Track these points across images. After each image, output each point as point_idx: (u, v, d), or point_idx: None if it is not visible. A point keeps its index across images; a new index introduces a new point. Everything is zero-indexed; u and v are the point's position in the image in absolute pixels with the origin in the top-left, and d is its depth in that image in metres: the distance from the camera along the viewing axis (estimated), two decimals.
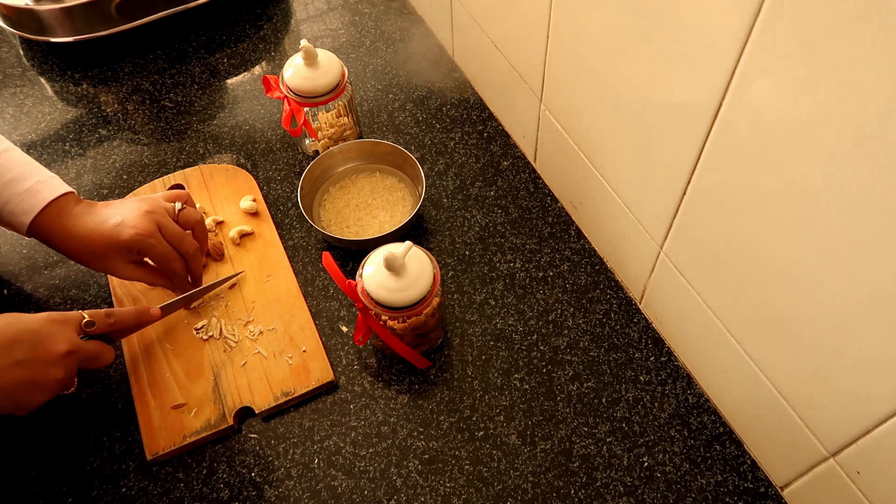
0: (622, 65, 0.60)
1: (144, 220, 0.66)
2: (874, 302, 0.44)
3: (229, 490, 0.65)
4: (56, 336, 0.57)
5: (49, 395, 0.57)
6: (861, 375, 0.48)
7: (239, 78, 0.99)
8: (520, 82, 0.81)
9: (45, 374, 0.56)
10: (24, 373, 0.55)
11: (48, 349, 0.56)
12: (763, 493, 0.64)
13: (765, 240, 0.52)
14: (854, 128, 0.40)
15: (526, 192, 0.85)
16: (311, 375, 0.70)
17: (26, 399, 0.56)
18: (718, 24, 0.47)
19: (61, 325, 0.58)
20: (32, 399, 0.56)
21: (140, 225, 0.65)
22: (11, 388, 0.54)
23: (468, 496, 0.64)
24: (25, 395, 0.55)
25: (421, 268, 0.63)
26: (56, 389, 0.57)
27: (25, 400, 0.56)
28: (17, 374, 0.54)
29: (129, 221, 0.65)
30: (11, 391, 0.54)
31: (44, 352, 0.56)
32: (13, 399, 0.55)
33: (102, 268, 0.67)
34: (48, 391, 0.57)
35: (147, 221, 0.66)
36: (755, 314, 0.57)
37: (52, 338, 0.57)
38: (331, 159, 0.84)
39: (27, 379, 0.55)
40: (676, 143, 0.57)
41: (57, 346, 0.56)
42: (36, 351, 0.55)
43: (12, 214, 0.64)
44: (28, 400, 0.56)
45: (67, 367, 0.57)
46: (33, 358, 0.55)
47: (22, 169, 0.65)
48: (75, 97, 0.97)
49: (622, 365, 0.72)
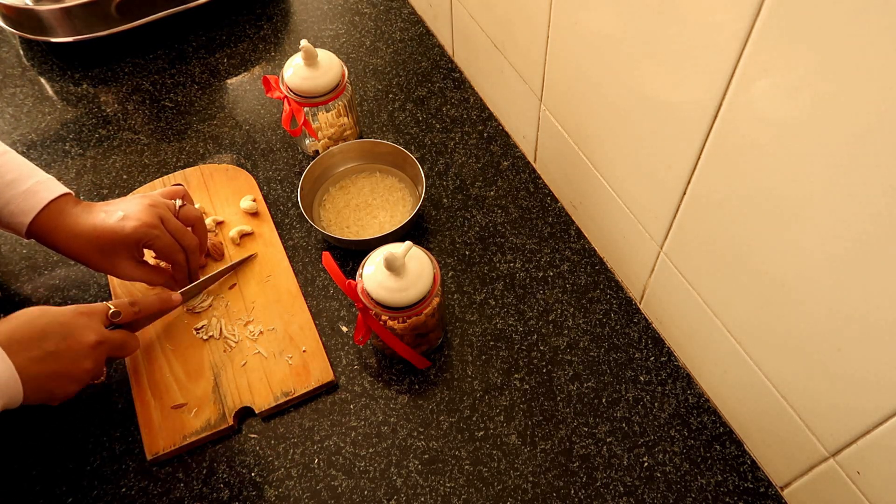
0: (622, 65, 0.60)
1: (148, 213, 0.67)
2: (874, 302, 0.44)
3: (229, 490, 0.65)
4: (85, 328, 0.59)
5: (80, 385, 0.59)
6: (861, 375, 0.48)
7: (239, 78, 0.99)
8: (520, 82, 0.81)
9: (75, 364, 0.58)
10: (56, 364, 0.57)
11: (78, 340, 0.58)
12: (763, 493, 0.64)
13: (765, 240, 0.52)
14: (854, 128, 0.40)
15: (526, 192, 0.85)
16: (311, 375, 0.70)
17: (59, 389, 0.58)
18: (718, 24, 0.47)
19: (89, 317, 0.60)
20: (65, 389, 0.58)
21: (144, 217, 0.66)
22: (43, 378, 0.56)
23: (468, 496, 0.64)
24: (58, 386, 0.57)
25: (421, 268, 0.63)
26: (86, 380, 0.60)
27: (58, 390, 0.58)
28: (50, 365, 0.56)
29: (132, 215, 0.66)
30: (44, 382, 0.56)
31: (74, 343, 0.58)
32: (46, 389, 0.57)
33: (106, 265, 0.67)
34: (79, 381, 0.59)
35: (150, 214, 0.67)
36: (755, 314, 0.57)
37: (81, 329, 0.59)
38: (331, 159, 0.84)
39: (59, 370, 0.57)
40: (676, 143, 0.57)
41: (86, 337, 0.59)
42: (66, 342, 0.57)
43: (12, 215, 0.65)
44: (60, 390, 0.58)
45: (97, 358, 0.60)
46: (64, 349, 0.57)
47: (20, 171, 0.66)
48: (75, 97, 0.97)
49: (622, 365, 0.72)
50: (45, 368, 0.56)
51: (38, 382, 0.56)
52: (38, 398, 0.57)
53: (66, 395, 0.59)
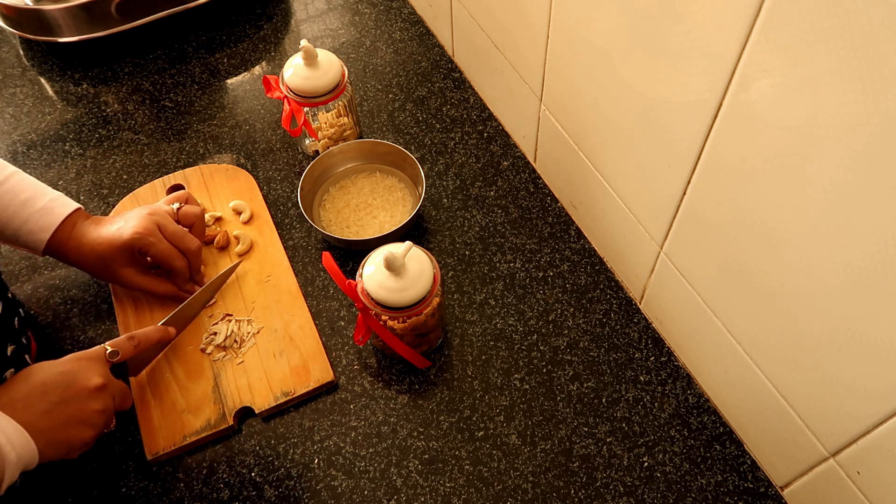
0: (622, 65, 0.60)
1: (143, 221, 0.69)
2: (875, 302, 0.44)
3: (229, 490, 0.65)
4: (86, 371, 0.58)
5: (96, 429, 0.58)
6: (861, 375, 0.48)
7: (239, 78, 0.99)
8: (520, 82, 0.81)
9: (84, 409, 0.57)
10: (65, 413, 0.56)
11: (83, 385, 0.57)
12: (763, 493, 0.64)
13: (765, 240, 0.52)
14: (855, 127, 0.40)
15: (526, 192, 0.85)
16: (311, 375, 0.70)
17: (75, 437, 0.56)
18: (719, 23, 0.47)
19: (88, 361, 0.59)
20: (81, 437, 0.57)
21: (140, 225, 0.68)
22: (55, 430, 0.55)
23: (468, 496, 0.64)
24: (72, 434, 0.56)
25: (421, 268, 0.63)
26: (100, 423, 0.58)
27: (74, 438, 0.56)
28: (58, 415, 0.55)
29: (129, 224, 0.69)
30: (56, 433, 0.55)
31: (78, 388, 0.57)
32: (60, 441, 0.55)
33: (109, 274, 0.70)
34: (93, 425, 0.58)
35: (146, 221, 0.69)
36: (755, 314, 0.57)
37: (82, 373, 0.58)
38: (331, 159, 0.84)
39: (69, 418, 0.56)
40: (676, 143, 0.57)
41: (90, 380, 0.58)
42: (70, 390, 0.57)
43: (31, 233, 0.66)
44: (76, 438, 0.57)
45: (104, 400, 0.59)
46: (69, 396, 0.56)
47: (33, 189, 0.68)
48: (75, 97, 0.97)
49: (622, 365, 0.72)
50: (55, 420, 0.55)
51: (51, 435, 0.54)
52: (56, 452, 0.55)
53: (84, 442, 0.57)
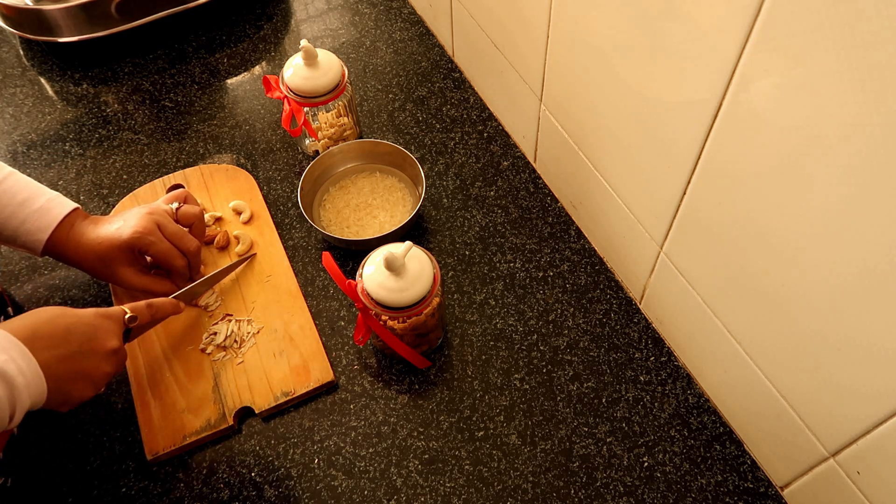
0: (622, 65, 0.60)
1: (143, 220, 0.68)
2: (875, 303, 0.44)
3: (229, 490, 0.65)
4: (108, 331, 0.58)
5: (97, 389, 0.58)
6: (861, 376, 0.48)
7: (239, 78, 0.99)
8: (520, 82, 0.81)
9: (97, 367, 0.57)
10: (79, 365, 0.55)
11: (102, 343, 0.57)
12: (763, 493, 0.64)
13: (765, 240, 0.52)
14: (855, 128, 0.40)
15: (526, 192, 0.85)
16: (311, 375, 0.70)
17: (77, 392, 0.56)
18: (718, 24, 0.47)
19: (109, 321, 0.59)
20: (82, 393, 0.56)
21: (139, 224, 0.68)
22: (65, 379, 0.54)
23: (468, 496, 0.64)
24: (77, 388, 0.56)
25: (421, 268, 0.63)
26: (102, 385, 0.58)
27: (76, 392, 0.56)
28: (73, 365, 0.55)
29: (129, 223, 0.68)
30: (64, 383, 0.55)
31: (98, 345, 0.57)
32: (64, 391, 0.55)
33: (108, 274, 0.69)
34: (97, 386, 0.57)
35: (146, 221, 0.68)
36: (755, 314, 0.57)
37: (104, 332, 0.58)
38: (331, 159, 0.84)
39: (81, 371, 0.55)
40: (676, 143, 0.57)
41: (109, 341, 0.58)
42: (90, 344, 0.56)
43: (29, 233, 0.66)
44: (78, 393, 0.56)
45: (115, 363, 0.59)
46: (87, 350, 0.56)
47: (30, 190, 0.67)
48: (75, 97, 0.97)
49: (622, 365, 0.72)
50: (68, 368, 0.54)
51: (59, 383, 0.54)
52: (55, 400, 0.55)
53: (82, 398, 0.57)
